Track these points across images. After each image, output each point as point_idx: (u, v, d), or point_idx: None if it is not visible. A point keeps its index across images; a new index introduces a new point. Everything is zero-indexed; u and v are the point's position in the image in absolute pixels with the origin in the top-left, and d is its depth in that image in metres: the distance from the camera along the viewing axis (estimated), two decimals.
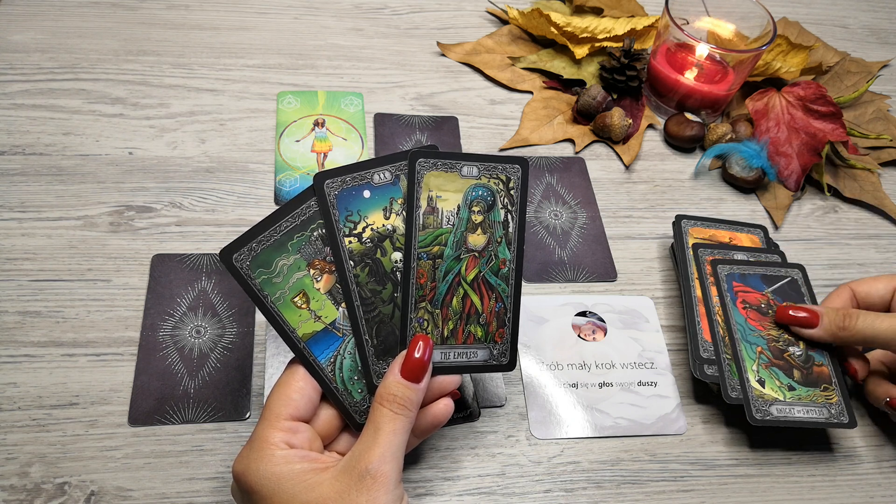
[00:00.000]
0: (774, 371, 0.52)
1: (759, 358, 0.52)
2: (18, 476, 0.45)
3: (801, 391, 0.51)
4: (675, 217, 0.61)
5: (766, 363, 0.52)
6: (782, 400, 0.51)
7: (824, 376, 0.52)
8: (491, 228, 0.44)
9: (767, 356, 0.52)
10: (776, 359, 0.52)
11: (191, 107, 0.67)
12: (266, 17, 0.78)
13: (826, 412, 0.51)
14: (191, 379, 0.50)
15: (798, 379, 0.52)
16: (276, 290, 0.41)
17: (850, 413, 0.51)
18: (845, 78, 0.81)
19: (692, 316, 0.55)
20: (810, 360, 0.53)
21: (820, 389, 0.52)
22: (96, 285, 0.54)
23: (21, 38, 0.70)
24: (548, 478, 0.49)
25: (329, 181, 0.42)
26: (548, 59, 0.77)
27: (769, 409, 0.50)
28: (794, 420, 0.50)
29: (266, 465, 0.38)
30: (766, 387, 0.51)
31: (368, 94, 0.71)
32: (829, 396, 0.51)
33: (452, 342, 0.43)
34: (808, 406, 0.51)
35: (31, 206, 0.58)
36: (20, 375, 0.49)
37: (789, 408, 0.51)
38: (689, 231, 0.60)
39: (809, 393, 0.51)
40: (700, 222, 0.61)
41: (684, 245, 0.59)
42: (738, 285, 0.56)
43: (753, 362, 0.52)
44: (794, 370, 0.52)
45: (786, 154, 0.71)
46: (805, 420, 0.50)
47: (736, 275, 0.57)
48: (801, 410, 0.51)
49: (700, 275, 0.57)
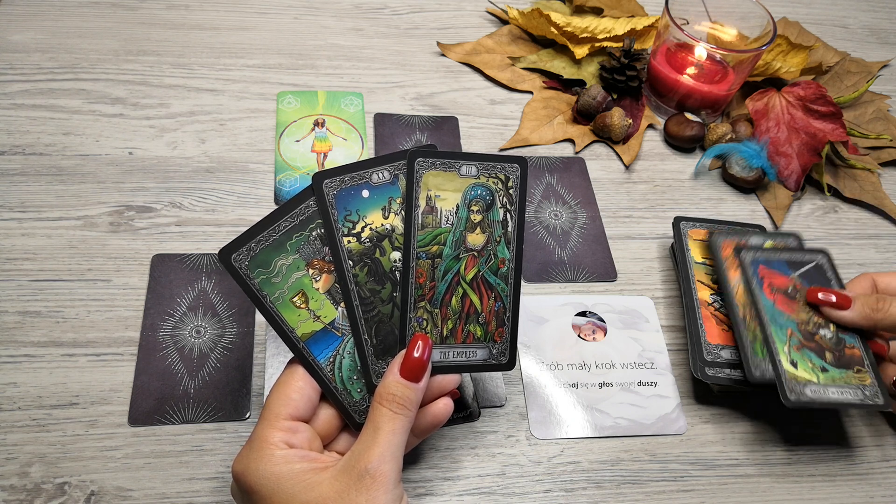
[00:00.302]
0: (807, 353, 0.51)
1: (790, 340, 0.52)
2: (18, 476, 0.45)
3: (835, 373, 0.51)
4: (675, 219, 0.61)
5: (798, 345, 0.52)
6: (816, 382, 0.50)
7: (856, 358, 0.52)
8: (490, 228, 0.44)
9: (798, 338, 0.52)
10: (807, 341, 0.52)
11: (191, 107, 0.67)
12: (266, 17, 0.78)
13: (860, 393, 0.50)
14: (191, 379, 0.50)
15: (830, 361, 0.51)
16: (274, 289, 0.41)
17: (885, 394, 0.50)
18: (845, 78, 0.81)
19: (694, 318, 0.54)
20: (841, 342, 0.52)
21: (853, 371, 0.51)
22: (96, 285, 0.54)
23: (21, 38, 0.70)
24: (548, 478, 0.49)
25: (328, 181, 0.42)
26: (548, 59, 0.77)
27: (803, 390, 0.49)
28: (828, 401, 0.49)
29: (266, 464, 0.38)
30: (799, 368, 0.50)
31: (368, 94, 0.71)
32: (862, 378, 0.51)
33: (452, 342, 0.43)
34: (841, 388, 0.50)
35: (31, 206, 0.58)
36: (20, 375, 0.49)
37: (823, 389, 0.50)
38: (688, 232, 0.60)
39: (843, 374, 0.51)
40: (699, 223, 0.61)
41: (684, 247, 0.59)
42: (764, 269, 0.55)
43: (785, 344, 0.51)
44: (826, 352, 0.52)
45: (786, 154, 0.71)
46: (840, 401, 0.49)
47: (761, 259, 0.56)
48: (836, 392, 0.50)
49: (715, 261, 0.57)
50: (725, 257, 0.57)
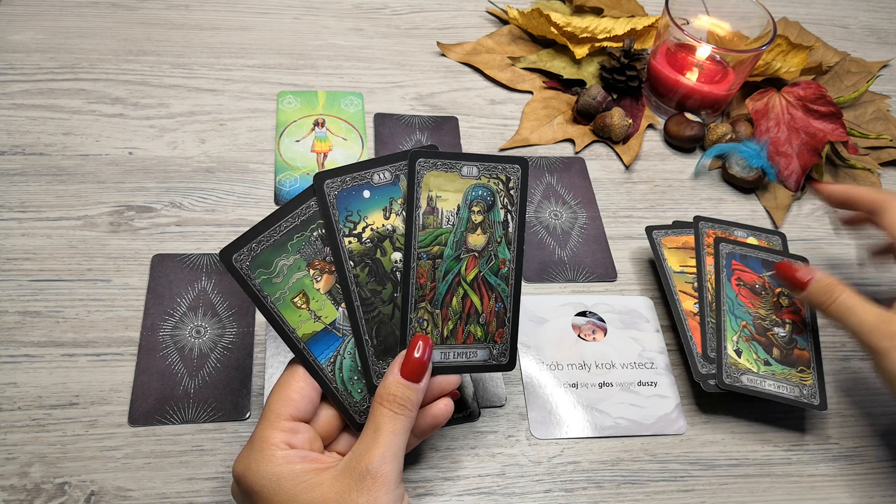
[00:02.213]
0: (754, 345, 0.53)
1: (741, 331, 0.54)
2: (18, 476, 0.45)
3: (777, 367, 0.53)
4: (646, 228, 0.60)
5: (748, 337, 0.54)
6: (755, 372, 0.52)
7: (803, 359, 0.54)
8: (491, 228, 0.44)
9: (750, 331, 0.54)
10: (758, 335, 0.54)
11: (191, 107, 0.67)
12: (266, 17, 0.78)
13: (798, 391, 0.52)
14: (191, 379, 0.50)
15: (776, 356, 0.53)
16: (275, 290, 0.41)
17: (823, 397, 0.52)
18: (845, 78, 0.81)
19: (683, 330, 0.54)
20: (793, 342, 0.54)
21: (796, 370, 0.53)
22: (96, 285, 0.54)
23: (21, 38, 0.70)
24: (548, 478, 0.49)
25: (329, 181, 0.42)
26: (548, 59, 0.77)
27: (740, 377, 0.52)
28: (762, 391, 0.51)
29: (266, 465, 0.38)
30: (742, 357, 0.53)
31: (368, 94, 0.71)
32: (804, 378, 0.53)
33: (452, 342, 0.43)
34: (780, 382, 0.52)
35: (31, 206, 0.58)
36: (20, 375, 0.49)
37: (761, 380, 0.52)
38: (661, 241, 0.60)
39: (784, 371, 0.53)
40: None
41: (660, 257, 0.58)
42: (737, 264, 0.57)
43: (735, 334, 0.54)
44: (774, 348, 0.53)
45: (786, 154, 0.71)
46: (774, 394, 0.51)
47: (737, 255, 0.58)
48: (773, 385, 0.52)
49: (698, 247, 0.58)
50: (707, 244, 0.58)
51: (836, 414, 0.55)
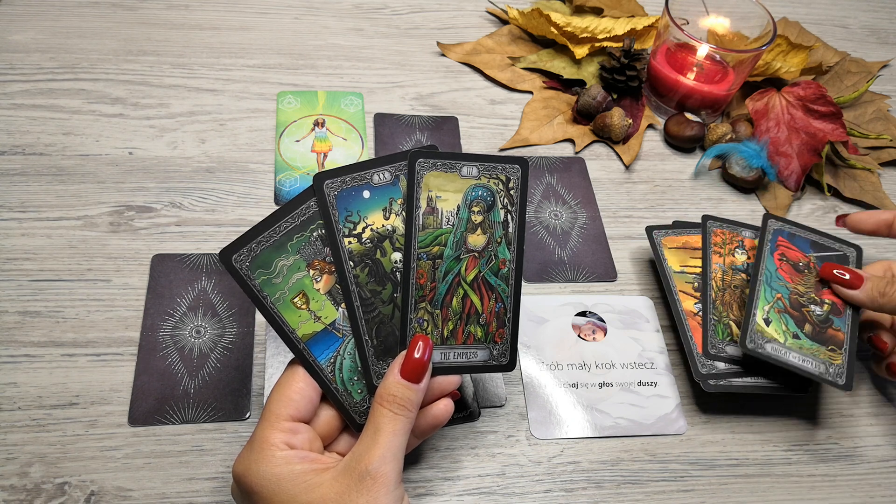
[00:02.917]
0: (785, 317, 0.52)
1: (774, 303, 0.53)
2: (18, 476, 0.45)
3: (806, 342, 0.51)
4: (647, 228, 0.60)
5: (780, 309, 0.53)
6: (781, 342, 0.51)
7: (836, 340, 0.52)
8: (491, 229, 0.44)
9: (784, 303, 0.53)
10: (792, 308, 0.53)
11: (191, 107, 0.67)
12: (266, 17, 0.78)
13: (823, 368, 0.51)
14: (191, 379, 0.50)
15: (807, 332, 0.52)
16: (275, 290, 0.41)
17: (850, 378, 0.51)
18: (845, 78, 0.81)
19: (684, 331, 0.54)
20: (828, 322, 0.53)
21: (826, 348, 0.52)
22: (96, 285, 0.54)
23: (21, 38, 0.70)
24: (548, 478, 0.49)
25: (329, 181, 0.42)
26: (548, 59, 0.77)
27: (764, 344, 0.51)
28: (785, 362, 0.50)
29: (266, 465, 0.38)
30: (770, 326, 0.52)
31: (368, 94, 0.71)
32: (833, 357, 0.51)
33: (452, 342, 0.43)
34: (806, 357, 0.51)
35: (31, 206, 0.58)
36: (20, 375, 0.49)
37: (786, 351, 0.51)
38: (661, 241, 0.59)
39: (813, 347, 0.51)
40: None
41: (661, 257, 0.58)
42: (783, 241, 0.56)
43: (767, 304, 0.52)
44: (807, 324, 0.52)
45: (786, 154, 0.71)
46: (799, 366, 0.50)
47: (785, 232, 0.57)
48: (797, 357, 0.51)
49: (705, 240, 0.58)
50: (713, 243, 0.58)
51: (836, 414, 0.55)
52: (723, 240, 0.58)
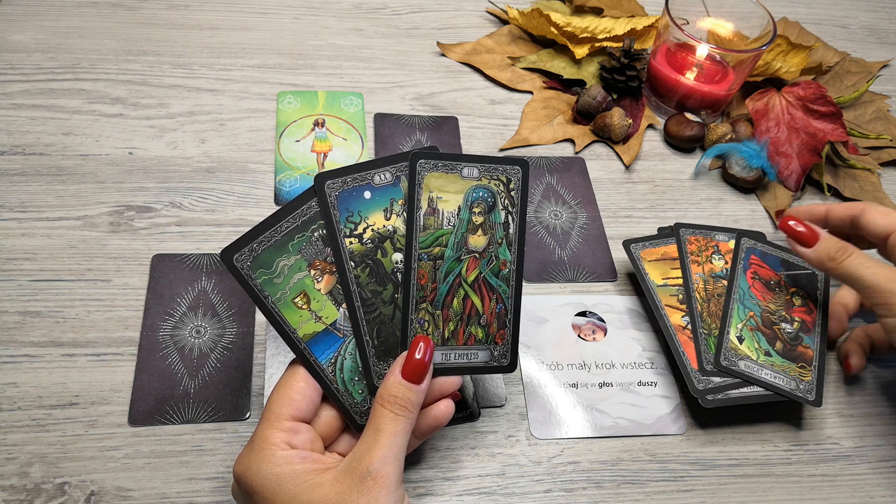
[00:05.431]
0: (757, 335, 0.54)
1: (747, 321, 0.54)
2: (18, 476, 0.45)
3: (777, 359, 0.53)
4: (624, 242, 0.59)
5: (753, 327, 0.54)
6: (754, 359, 0.52)
7: (806, 357, 0.54)
8: (491, 230, 0.44)
9: (756, 321, 0.54)
10: (764, 327, 0.54)
11: (191, 107, 0.67)
12: (266, 17, 0.78)
13: (794, 384, 0.52)
14: (191, 379, 0.50)
15: (778, 349, 0.53)
16: (276, 290, 0.41)
17: (820, 394, 0.52)
18: (845, 78, 0.81)
19: (675, 348, 0.53)
20: (798, 339, 0.54)
21: (797, 365, 0.53)
22: (96, 285, 0.54)
23: (21, 38, 0.70)
24: (548, 478, 0.49)
25: (330, 182, 0.42)
26: (548, 59, 0.77)
27: (737, 361, 0.52)
28: (757, 378, 0.51)
29: (267, 465, 0.38)
30: (743, 344, 0.53)
31: (368, 94, 0.71)
32: (803, 374, 0.53)
33: (453, 343, 0.43)
34: (777, 373, 0.52)
35: (31, 206, 0.58)
36: (20, 375, 0.49)
37: (758, 368, 0.52)
38: (640, 255, 0.59)
39: (784, 364, 0.53)
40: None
41: (642, 272, 0.57)
42: (755, 259, 0.57)
43: (740, 322, 0.54)
44: (778, 342, 0.54)
45: (786, 154, 0.71)
46: (769, 383, 0.52)
47: (757, 250, 0.58)
48: (769, 374, 0.52)
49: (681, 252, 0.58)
50: (690, 252, 0.58)
51: (836, 414, 0.55)
52: (698, 247, 0.58)
